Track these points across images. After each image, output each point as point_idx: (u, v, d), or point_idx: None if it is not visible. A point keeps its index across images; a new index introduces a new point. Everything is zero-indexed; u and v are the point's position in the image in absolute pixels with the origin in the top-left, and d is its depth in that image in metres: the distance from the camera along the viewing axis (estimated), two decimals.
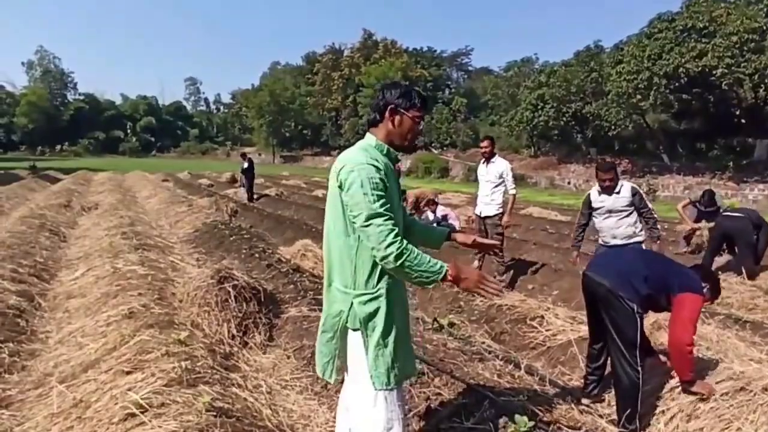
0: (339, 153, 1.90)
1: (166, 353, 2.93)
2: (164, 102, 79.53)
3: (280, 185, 19.69)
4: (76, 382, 2.87)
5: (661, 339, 3.44)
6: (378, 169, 1.74)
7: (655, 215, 4.60)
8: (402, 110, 1.84)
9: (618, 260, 2.95)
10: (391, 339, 1.77)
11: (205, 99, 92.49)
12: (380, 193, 1.70)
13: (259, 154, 51.30)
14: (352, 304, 1.78)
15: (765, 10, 18.78)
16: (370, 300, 1.77)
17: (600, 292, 2.72)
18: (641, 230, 4.46)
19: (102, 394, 2.58)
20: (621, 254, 3.26)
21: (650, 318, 3.61)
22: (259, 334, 3.87)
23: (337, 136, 48.24)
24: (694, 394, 2.67)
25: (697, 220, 7.01)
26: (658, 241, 4.56)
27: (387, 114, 1.85)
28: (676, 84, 20.27)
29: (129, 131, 69.78)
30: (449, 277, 1.72)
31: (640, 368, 2.62)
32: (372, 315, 1.76)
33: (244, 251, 6.29)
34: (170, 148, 68.70)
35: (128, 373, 2.75)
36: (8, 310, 4.01)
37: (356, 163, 1.74)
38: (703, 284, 2.76)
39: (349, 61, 48.89)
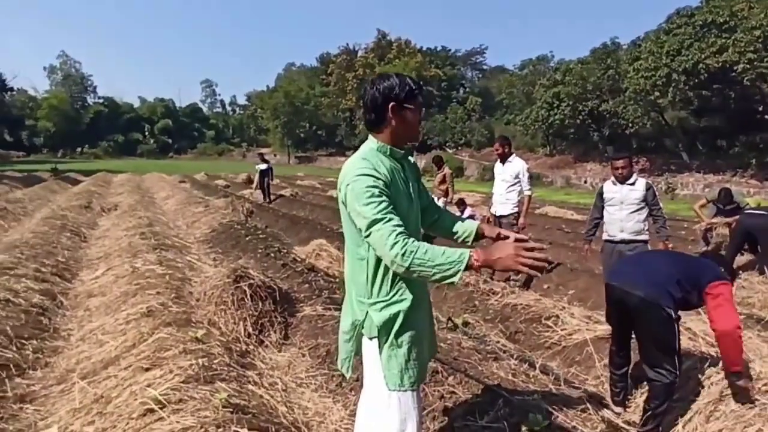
0: (354, 153, 1.87)
1: (183, 351, 2.98)
2: (181, 104, 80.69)
3: (295, 186, 19.83)
4: (97, 379, 2.93)
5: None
6: (375, 177, 1.66)
7: (664, 215, 4.61)
8: (404, 105, 1.74)
9: (645, 268, 2.82)
10: (405, 340, 1.76)
11: (221, 101, 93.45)
12: (377, 199, 1.61)
13: (275, 155, 51.70)
14: (367, 313, 1.77)
15: None
16: (386, 306, 1.75)
17: (632, 302, 2.65)
18: (647, 229, 4.49)
19: (122, 390, 2.64)
20: (645, 261, 3.05)
21: None
22: (275, 332, 3.91)
23: (351, 137, 48.36)
24: (740, 392, 2.56)
25: None
26: (666, 240, 4.55)
27: (389, 114, 1.74)
28: (696, 80, 19.86)
29: (147, 133, 70.85)
30: (475, 263, 1.52)
31: (678, 372, 2.58)
32: (388, 320, 1.75)
33: (259, 251, 6.36)
34: (187, 149, 69.53)
35: (147, 369, 2.80)
36: (32, 308, 4.12)
37: (351, 177, 1.68)
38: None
39: (364, 62, 49.00)
